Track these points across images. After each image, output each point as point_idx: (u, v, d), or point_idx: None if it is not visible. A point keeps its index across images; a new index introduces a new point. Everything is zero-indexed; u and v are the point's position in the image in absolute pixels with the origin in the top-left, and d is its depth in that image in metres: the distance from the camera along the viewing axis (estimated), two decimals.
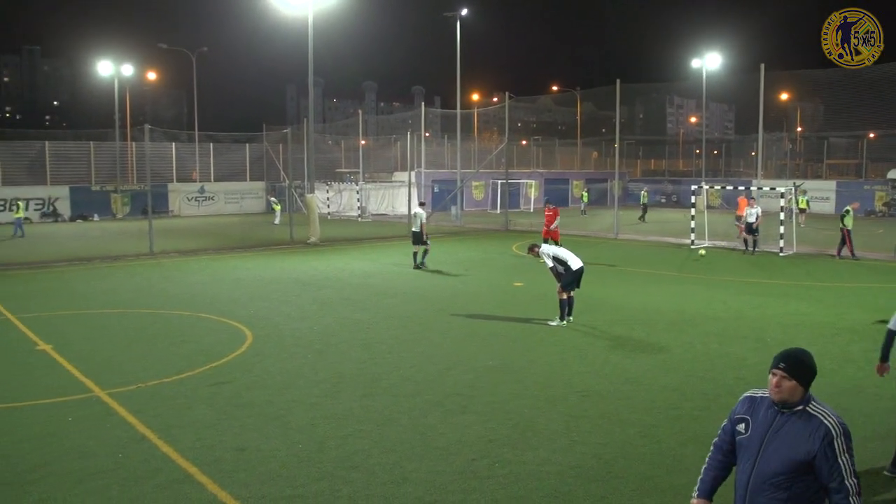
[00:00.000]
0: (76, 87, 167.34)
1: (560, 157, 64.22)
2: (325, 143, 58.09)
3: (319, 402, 9.33)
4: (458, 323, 14.13)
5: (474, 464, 7.30)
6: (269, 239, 31.84)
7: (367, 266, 22.68)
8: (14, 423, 8.76)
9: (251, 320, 14.56)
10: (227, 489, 6.80)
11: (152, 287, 19.24)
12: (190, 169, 53.23)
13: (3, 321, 15.04)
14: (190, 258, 25.77)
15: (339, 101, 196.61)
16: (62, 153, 49.38)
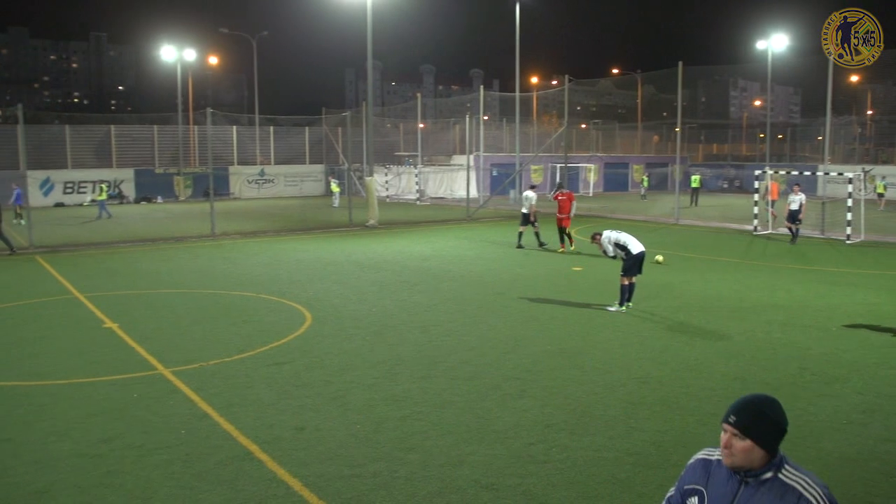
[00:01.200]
0: (140, 72, 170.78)
1: (620, 141, 63.48)
2: (384, 127, 58.30)
3: (377, 384, 9.43)
4: (517, 307, 14.11)
5: (531, 448, 7.31)
6: (328, 221, 32.15)
7: (426, 249, 22.76)
8: (83, 398, 9.04)
9: (310, 302, 14.75)
10: (286, 467, 6.92)
11: (214, 268, 19.61)
12: (251, 152, 53.96)
13: (72, 300, 15.49)
14: (250, 240, 26.17)
15: (397, 84, 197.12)
16: (127, 137, 50.48)
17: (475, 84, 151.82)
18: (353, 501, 6.25)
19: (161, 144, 51.27)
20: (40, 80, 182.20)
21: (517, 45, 41.95)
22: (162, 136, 51.66)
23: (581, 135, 62.26)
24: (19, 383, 9.72)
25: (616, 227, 14.46)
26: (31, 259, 21.91)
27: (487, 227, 29.78)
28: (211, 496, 6.37)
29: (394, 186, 48.51)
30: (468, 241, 24.76)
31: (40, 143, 46.41)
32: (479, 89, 47.07)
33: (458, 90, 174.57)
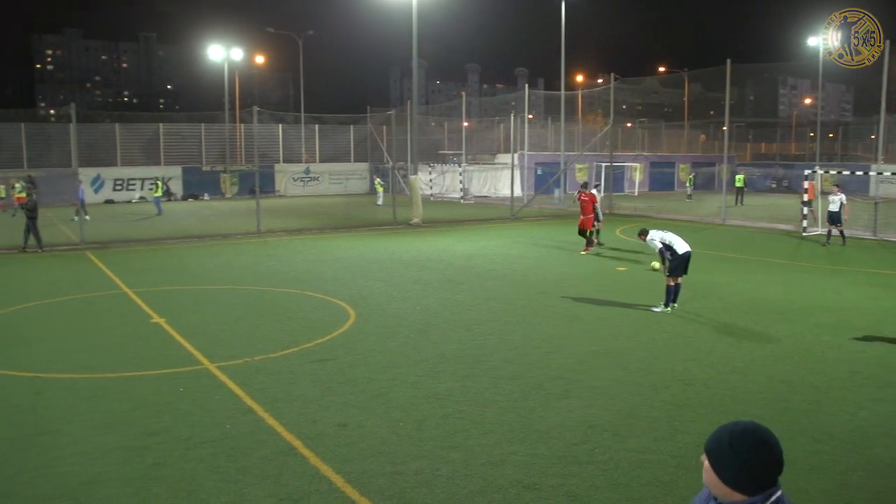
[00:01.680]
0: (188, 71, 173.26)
1: (666, 140, 62.80)
2: (429, 125, 58.38)
3: (420, 382, 9.44)
4: (561, 306, 14.03)
5: (575, 448, 7.26)
6: (372, 219, 32.30)
7: (469, 248, 22.75)
8: (130, 391, 9.19)
9: (354, 299, 14.82)
10: (329, 463, 6.96)
11: (259, 265, 19.80)
12: (296, 150, 54.42)
13: (120, 295, 15.76)
14: (295, 237, 26.39)
15: (442, 82, 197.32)
16: (175, 135, 51.26)
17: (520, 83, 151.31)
18: (394, 499, 6.26)
19: (208, 142, 51.97)
20: (92, 80, 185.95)
21: (563, 44, 41.76)
22: (209, 135, 52.36)
23: (626, 134, 61.72)
24: (69, 376, 9.91)
25: (662, 227, 14.28)
26: (82, 254, 22.34)
27: (531, 226, 29.68)
28: (255, 490, 6.43)
29: (438, 185, 48.57)
30: (512, 240, 24.68)
31: (92, 141, 47.32)
32: (523, 88, 46.90)
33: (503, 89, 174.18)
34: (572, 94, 57.52)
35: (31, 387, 9.49)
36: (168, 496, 6.36)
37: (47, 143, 47.86)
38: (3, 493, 6.50)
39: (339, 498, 6.28)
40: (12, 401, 8.95)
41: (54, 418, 8.29)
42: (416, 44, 30.81)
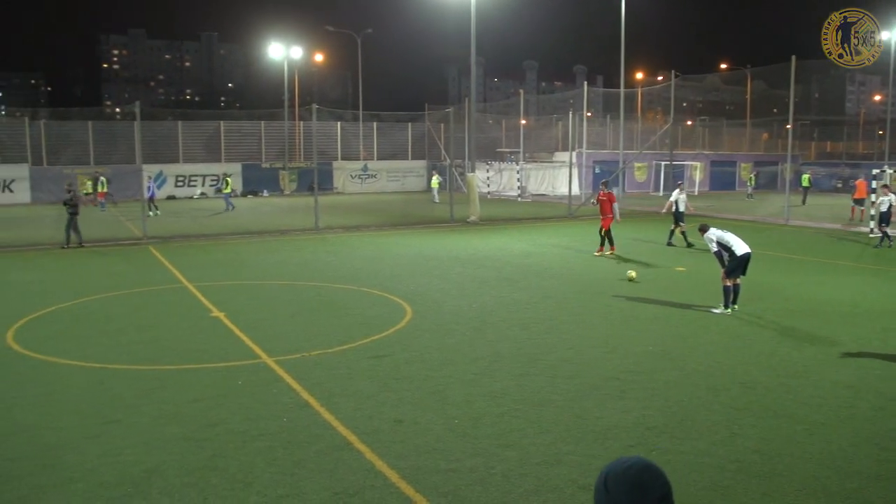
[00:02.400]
0: (249, 69, 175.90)
1: (727, 139, 61.72)
2: (486, 123, 58.34)
3: (476, 380, 9.43)
4: (618, 306, 13.90)
5: (630, 450, 7.18)
6: (429, 217, 32.39)
7: (526, 246, 22.67)
8: (191, 383, 9.37)
9: (411, 296, 14.88)
10: (385, 459, 7.00)
11: (317, 261, 20.01)
12: (354, 147, 54.84)
13: (181, 289, 16.07)
14: (353, 234, 26.60)
15: (499, 80, 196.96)
16: (235, 132, 52.11)
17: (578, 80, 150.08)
18: (449, 496, 6.27)
19: (268, 140, 52.69)
20: (156, 79, 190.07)
21: (622, 40, 41.28)
22: (269, 132, 53.07)
23: (687, 132, 60.86)
24: (133, 367, 10.14)
25: (722, 226, 14.03)
26: (145, 249, 22.84)
27: (589, 224, 29.40)
28: (310, 484, 6.50)
29: (495, 183, 48.50)
30: (569, 238, 24.53)
31: (155, 138, 48.37)
32: (582, 85, 46.57)
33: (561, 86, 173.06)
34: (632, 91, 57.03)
35: (97, 377, 9.74)
36: (226, 487, 6.47)
37: (113, 140, 49.05)
38: (69, 478, 6.68)
39: (393, 493, 6.32)
40: (78, 390, 9.19)
41: (118, 408, 8.49)
42: (474, 42, 30.80)
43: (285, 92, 57.04)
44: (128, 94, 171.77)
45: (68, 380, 9.63)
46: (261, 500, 6.22)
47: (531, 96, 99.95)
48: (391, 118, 57.03)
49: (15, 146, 46.55)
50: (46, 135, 47.24)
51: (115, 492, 6.41)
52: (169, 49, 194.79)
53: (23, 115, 54.42)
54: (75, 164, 46.57)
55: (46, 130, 47.57)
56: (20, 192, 44.99)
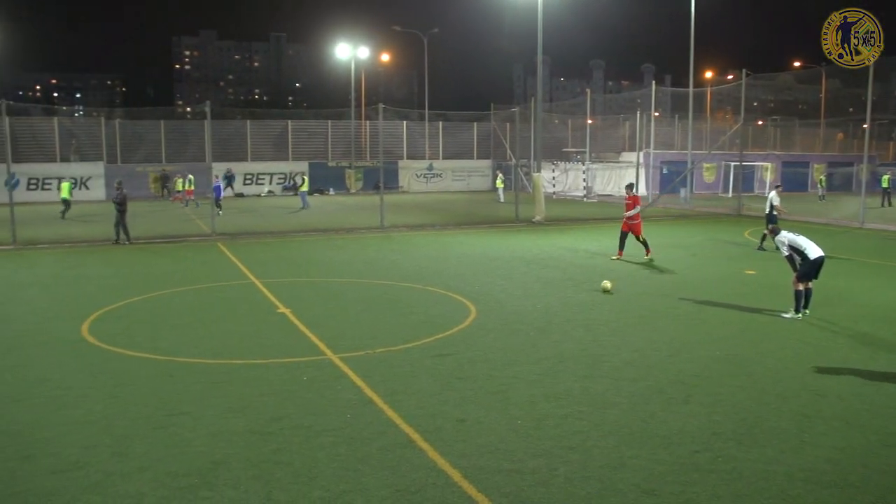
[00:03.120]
0: (316, 69, 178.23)
1: (800, 139, 60.26)
2: (552, 123, 58.05)
3: (539, 380, 9.38)
4: (684, 309, 13.67)
5: (696, 456, 7.05)
6: (494, 216, 32.35)
7: (592, 247, 22.49)
8: (257, 378, 9.51)
9: (475, 295, 14.87)
10: (447, 458, 7.00)
11: (382, 259, 20.15)
12: (420, 147, 55.10)
13: (249, 285, 16.35)
14: (418, 233, 26.72)
15: (566, 80, 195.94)
16: (303, 131, 52.85)
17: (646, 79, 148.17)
18: (511, 496, 6.24)
19: (334, 139, 53.30)
20: (225, 79, 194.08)
21: (692, 39, 40.63)
22: (335, 131, 53.68)
23: (757, 132, 59.57)
24: (201, 360, 10.35)
25: (793, 229, 13.68)
26: (213, 245, 23.31)
27: (656, 226, 29.02)
28: (373, 480, 6.54)
29: (561, 183, 48.21)
30: (635, 239, 24.19)
31: (224, 137, 49.35)
32: (650, 85, 45.96)
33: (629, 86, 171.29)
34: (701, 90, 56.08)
35: (166, 369, 9.96)
36: (289, 481, 6.55)
37: (184, 139, 50.22)
38: (139, 467, 6.84)
39: (455, 492, 6.31)
40: (148, 382, 9.41)
41: (186, 400, 8.67)
42: (540, 41, 30.65)
43: (352, 91, 57.62)
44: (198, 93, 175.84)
45: (139, 371, 9.87)
46: (323, 495, 6.28)
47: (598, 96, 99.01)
48: (457, 117, 57.11)
49: (91, 145, 47.98)
50: (121, 134, 48.61)
51: (183, 482, 6.54)
52: (238, 50, 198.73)
53: (99, 115, 56.04)
54: (147, 162, 47.83)
55: (121, 129, 48.95)
56: (95, 189, 46.34)
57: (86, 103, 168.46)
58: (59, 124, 48.70)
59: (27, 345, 11.46)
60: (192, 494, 6.30)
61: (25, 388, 9.27)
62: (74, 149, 48.46)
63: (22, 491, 6.42)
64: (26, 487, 6.48)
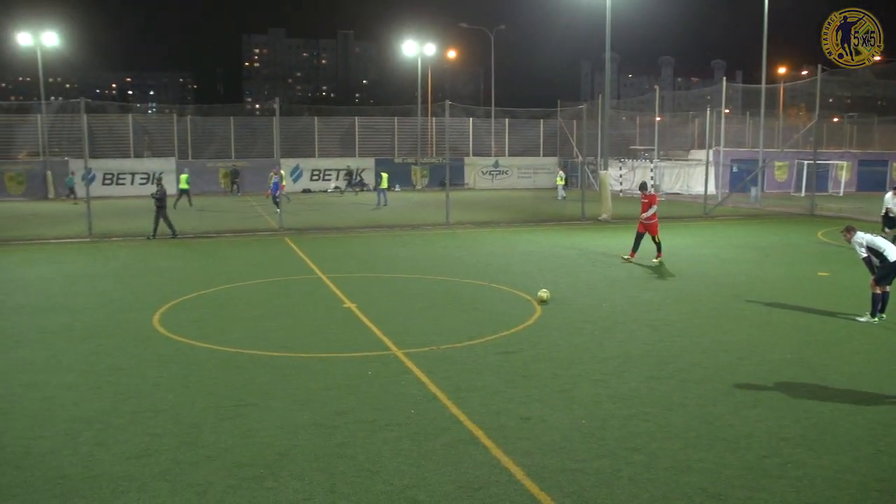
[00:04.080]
0: (383, 66, 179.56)
1: (879, 137, 58.41)
2: (619, 120, 57.44)
3: (605, 380, 9.29)
4: (754, 311, 13.38)
5: (764, 461, 6.90)
6: (560, 214, 32.16)
7: None
8: (323, 371, 9.63)
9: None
10: (510, 455, 6.98)
11: (448, 255, 20.19)
12: (486, 144, 55.07)
13: (315, 280, 16.55)
14: (483, 230, 26.70)
15: (634, 76, 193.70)
16: (369, 128, 53.26)
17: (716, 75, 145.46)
18: (574, 496, 6.19)
19: (400, 135, 53.62)
20: (294, 76, 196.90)
21: (765, 33, 39.73)
22: (401, 128, 54.00)
23: (833, 129, 57.92)
24: (268, 353, 10.51)
25: (870, 230, 13.25)
26: (281, 240, 23.66)
27: (725, 225, 28.53)
28: (436, 476, 6.55)
29: (627, 181, 47.64)
30: (704, 239, 23.82)
31: (292, 133, 50.06)
32: (720, 81, 45.11)
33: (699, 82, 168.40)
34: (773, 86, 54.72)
35: (234, 361, 10.14)
36: (353, 474, 6.60)
37: (253, 135, 51.13)
38: (207, 456, 6.98)
39: (518, 490, 6.29)
40: (217, 373, 9.60)
41: (253, 392, 8.82)
42: (609, 37, 30.34)
43: (418, 88, 57.82)
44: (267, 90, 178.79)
45: (208, 362, 10.07)
46: (386, 489, 6.32)
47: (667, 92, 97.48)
48: (523, 114, 56.92)
49: (164, 141, 49.20)
50: (192, 130, 49.69)
51: (249, 472, 6.65)
52: (307, 47, 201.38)
53: (171, 112, 57.45)
54: (217, 157, 48.79)
55: (192, 126, 50.04)
56: (166, 185, 47.30)
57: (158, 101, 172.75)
58: (133, 121, 50.03)
59: (101, 334, 11.80)
60: (258, 485, 6.41)
61: (100, 377, 9.55)
62: (146, 144, 49.75)
63: (97, 475, 6.61)
64: (100, 472, 6.67)
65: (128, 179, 47.19)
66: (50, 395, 8.87)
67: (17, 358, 10.51)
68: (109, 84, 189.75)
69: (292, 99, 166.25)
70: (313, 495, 6.21)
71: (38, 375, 9.64)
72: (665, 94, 69.61)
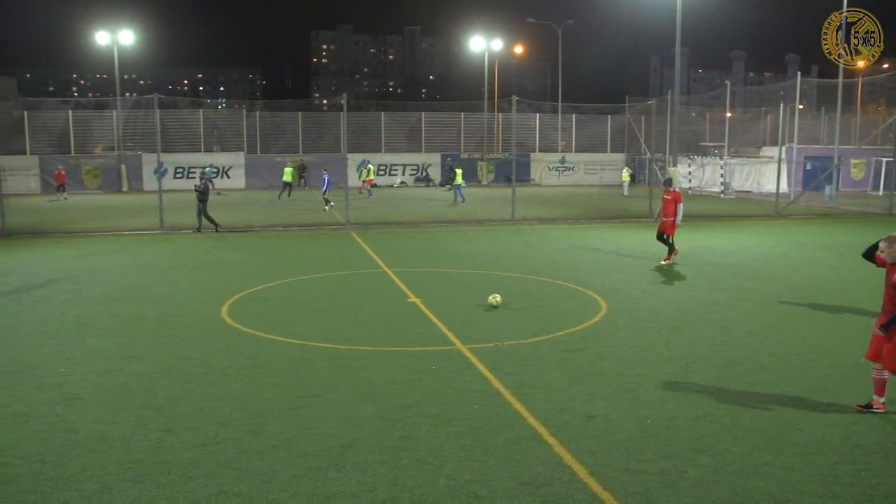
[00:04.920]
0: (449, 61, 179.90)
1: None
2: (689, 116, 56.45)
3: (671, 380, 9.15)
4: (826, 312, 13.03)
5: (836, 468, 6.70)
6: (627, 211, 31.79)
7: (728, 245, 21.73)
8: (388, 365, 9.69)
9: (606, 291, 14.66)
10: (573, 454, 6.92)
11: (513, 252, 20.13)
12: (552, 139, 54.75)
13: (381, 274, 16.66)
14: (549, 226, 26.56)
15: (704, 71, 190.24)
16: (436, 123, 53.37)
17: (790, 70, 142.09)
18: (637, 496, 6.10)
19: (467, 131, 53.60)
20: (361, 72, 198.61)
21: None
22: (468, 123, 53.97)
23: None
24: (333, 346, 10.61)
25: None
26: (347, 234, 23.88)
27: (798, 224, 27.83)
28: (498, 471, 6.54)
29: (696, 178, 46.82)
30: (775, 238, 23.28)
31: (359, 128, 50.48)
32: (795, 75, 44.00)
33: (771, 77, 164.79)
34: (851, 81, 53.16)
35: (300, 353, 10.28)
36: (415, 468, 6.63)
37: (320, 130, 51.70)
38: (272, 445, 7.09)
39: (580, 489, 6.23)
40: (283, 364, 9.74)
41: (318, 384, 8.92)
42: (679, 31, 29.86)
43: (485, 83, 57.75)
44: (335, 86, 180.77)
45: (274, 354, 10.22)
46: (448, 484, 6.33)
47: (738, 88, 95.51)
48: (591, 110, 56.40)
49: (233, 136, 50.13)
50: (261, 125, 50.50)
51: (313, 462, 6.73)
52: (374, 43, 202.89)
53: (241, 107, 58.50)
54: (285, 152, 49.50)
55: (261, 121, 50.85)
56: (236, 178, 48.36)
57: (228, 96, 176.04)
58: (203, 116, 51.08)
59: (171, 324, 12.08)
60: (322, 475, 6.48)
61: (170, 365, 9.78)
62: (216, 139, 50.75)
63: (166, 461, 6.77)
64: (170, 458, 6.83)
65: (198, 173, 48.14)
66: (123, 382, 9.12)
67: (93, 346, 10.83)
68: (181, 80, 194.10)
69: (359, 94, 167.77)
70: (376, 487, 6.26)
71: (113, 363, 9.92)
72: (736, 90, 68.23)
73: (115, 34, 48.19)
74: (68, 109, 50.06)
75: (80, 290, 15.11)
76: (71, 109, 50.22)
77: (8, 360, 10.05)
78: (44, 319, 12.47)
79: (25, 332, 11.62)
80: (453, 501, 6.03)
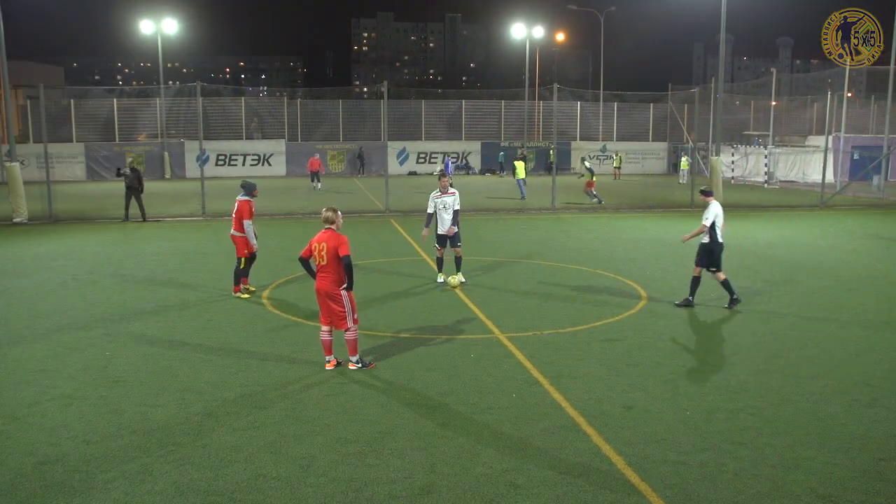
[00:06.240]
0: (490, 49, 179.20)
1: None
2: (733, 104, 55.62)
3: (711, 372, 9.06)
4: (872, 305, 12.78)
5: (881, 464, 6.58)
6: (668, 200, 31.48)
7: (771, 235, 21.41)
8: (425, 353, 9.71)
9: (647, 281, 14.54)
10: (611, 444, 6.89)
11: (552, 240, 20.04)
12: (594, 128, 54.31)
13: (420, 262, 16.71)
14: (589, 215, 26.39)
15: (749, 59, 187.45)
16: (476, 111, 53.21)
17: None
18: (675, 488, 6.06)
19: (507, 119, 53.37)
20: (401, 59, 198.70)
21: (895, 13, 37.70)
22: (508, 111, 53.74)
23: None
24: (370, 332, 10.65)
25: None
26: (387, 222, 23.96)
27: (844, 215, 27.32)
28: (535, 461, 6.53)
29: (740, 167, 46.16)
30: (820, 229, 22.88)
31: (399, 116, 50.52)
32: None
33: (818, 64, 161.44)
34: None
35: (338, 339, 10.27)
36: (453, 455, 6.64)
37: (361, 118, 51.82)
38: (311, 431, 7.15)
39: (618, 480, 6.20)
40: (321, 350, 9.73)
41: (357, 371, 8.96)
42: (724, 18, 29.39)
43: (526, 71, 57.47)
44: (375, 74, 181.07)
45: (313, 340, 10.26)
46: (486, 472, 6.33)
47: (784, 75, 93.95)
48: (633, 98, 55.81)
49: (275, 123, 50.48)
50: (301, 113, 50.77)
51: (351, 448, 6.78)
52: (414, 31, 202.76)
53: (282, 95, 58.82)
54: (326, 140, 49.74)
55: (302, 109, 51.11)
56: (277, 166, 48.73)
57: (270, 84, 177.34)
58: (245, 104, 51.49)
59: (213, 310, 12.23)
60: (360, 461, 6.52)
61: (211, 350, 9.91)
62: (255, 126, 51.12)
63: (206, 444, 6.86)
64: (210, 441, 6.92)
65: (239, 160, 48.66)
66: (165, 365, 9.26)
67: (138, 329, 11.01)
68: (224, 69, 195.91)
69: (400, 82, 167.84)
70: (413, 474, 6.28)
71: (156, 347, 10.08)
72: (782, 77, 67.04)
73: (158, 23, 48.73)
74: (113, 98, 50.77)
75: (124, 274, 15.35)
76: (116, 97, 50.93)
77: (55, 343, 10.27)
78: (91, 304, 12.70)
79: (72, 316, 11.85)
80: (490, 489, 6.03)
